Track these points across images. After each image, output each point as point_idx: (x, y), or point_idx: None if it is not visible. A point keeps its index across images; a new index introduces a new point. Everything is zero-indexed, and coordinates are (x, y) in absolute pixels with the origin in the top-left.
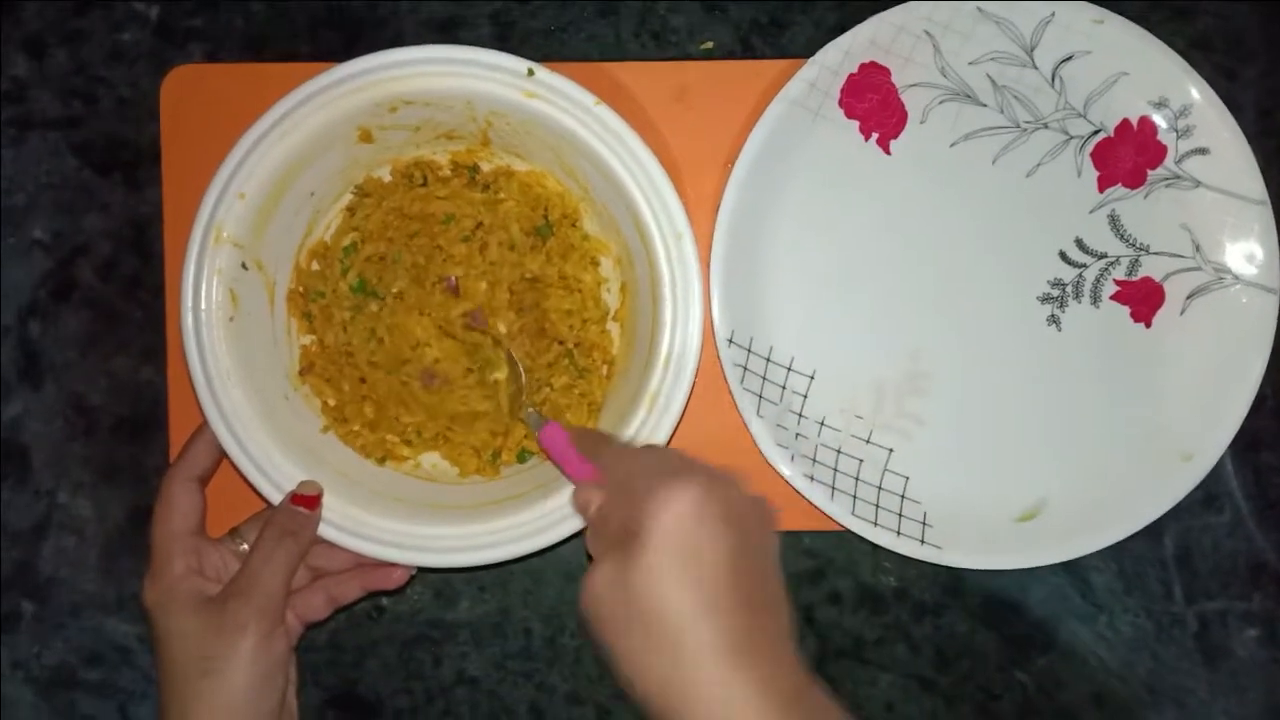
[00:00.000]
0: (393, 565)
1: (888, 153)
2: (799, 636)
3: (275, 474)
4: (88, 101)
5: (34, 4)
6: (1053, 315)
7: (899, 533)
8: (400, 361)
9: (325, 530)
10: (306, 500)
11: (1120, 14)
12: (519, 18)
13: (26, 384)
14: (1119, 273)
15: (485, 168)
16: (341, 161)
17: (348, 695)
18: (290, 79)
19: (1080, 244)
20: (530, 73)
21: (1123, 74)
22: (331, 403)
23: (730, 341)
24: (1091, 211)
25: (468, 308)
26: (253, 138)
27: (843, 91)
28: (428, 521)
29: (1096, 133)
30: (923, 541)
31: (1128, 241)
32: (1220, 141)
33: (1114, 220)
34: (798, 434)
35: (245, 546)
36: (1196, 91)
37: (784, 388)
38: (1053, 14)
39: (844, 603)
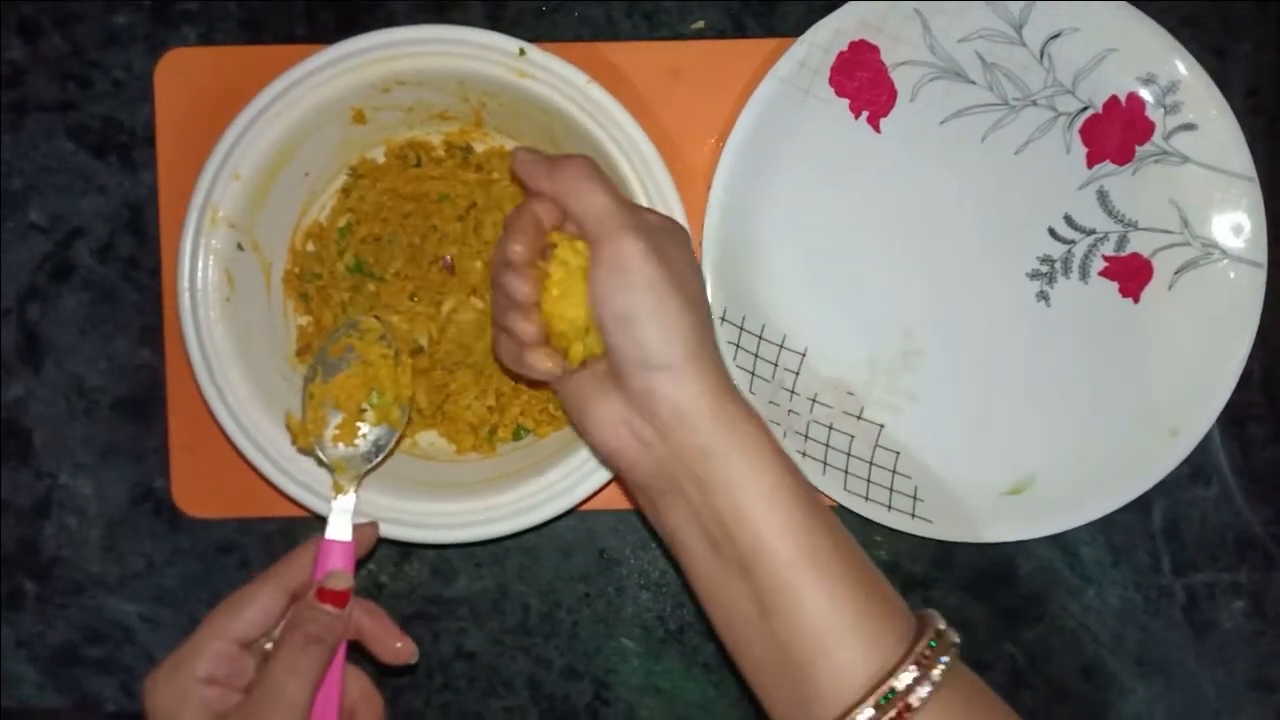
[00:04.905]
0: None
1: (878, 131)
2: None
3: (274, 453)
4: (83, 84)
5: None
6: (1042, 291)
7: (890, 507)
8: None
9: (322, 509)
10: (335, 597)
11: None
12: None
13: (27, 366)
14: (1107, 249)
15: (478, 148)
16: (336, 142)
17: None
18: (284, 61)
19: (1069, 220)
20: (522, 52)
21: (1111, 50)
22: None
23: (723, 319)
24: (1080, 188)
25: (464, 288)
26: (247, 118)
27: (833, 70)
28: (425, 498)
29: (1085, 109)
30: (913, 515)
31: (1116, 217)
32: (1208, 117)
33: (1103, 196)
34: (790, 411)
35: (269, 645)
36: (1184, 67)
37: (776, 365)
38: None
39: None
